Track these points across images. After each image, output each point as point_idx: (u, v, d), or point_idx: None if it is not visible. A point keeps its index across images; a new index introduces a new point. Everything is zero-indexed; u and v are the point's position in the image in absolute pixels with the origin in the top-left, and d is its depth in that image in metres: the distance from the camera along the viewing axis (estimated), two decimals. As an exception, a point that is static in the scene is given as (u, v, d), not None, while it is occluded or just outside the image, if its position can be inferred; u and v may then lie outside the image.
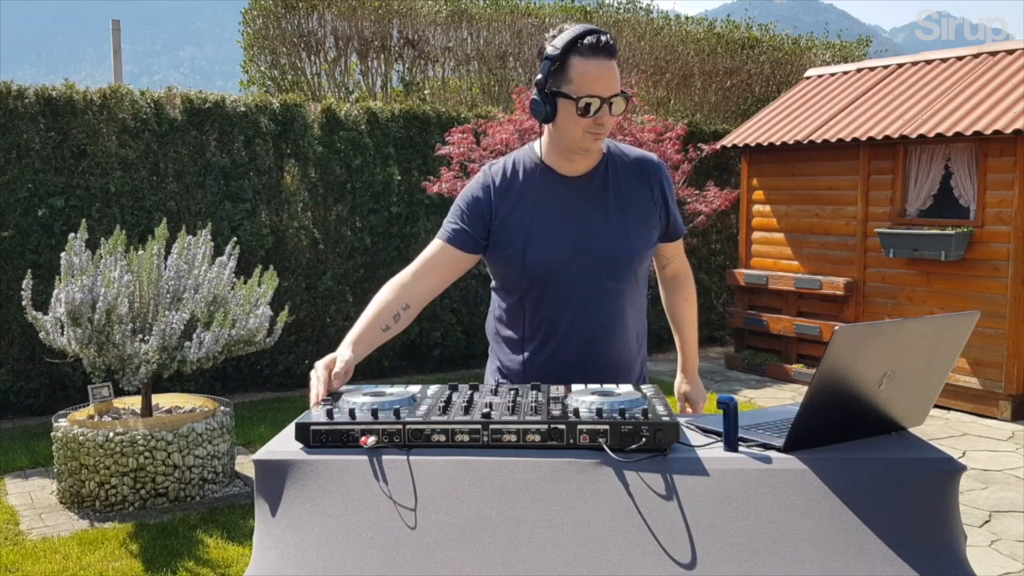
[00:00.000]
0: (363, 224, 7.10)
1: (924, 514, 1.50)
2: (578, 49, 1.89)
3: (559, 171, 2.04)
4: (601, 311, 2.05)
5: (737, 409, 1.60)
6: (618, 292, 2.06)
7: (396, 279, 2.01)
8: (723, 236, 9.15)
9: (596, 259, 2.02)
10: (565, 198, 2.03)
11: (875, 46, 13.49)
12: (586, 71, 1.89)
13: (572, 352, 2.05)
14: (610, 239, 2.03)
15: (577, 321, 2.04)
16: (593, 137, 1.95)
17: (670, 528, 1.45)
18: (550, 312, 2.04)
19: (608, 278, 2.04)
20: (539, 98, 1.94)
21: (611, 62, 1.91)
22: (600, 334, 2.06)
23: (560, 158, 2.03)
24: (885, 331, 1.53)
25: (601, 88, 1.90)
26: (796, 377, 7.26)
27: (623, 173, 2.07)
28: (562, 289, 2.02)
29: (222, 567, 3.65)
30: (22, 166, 5.85)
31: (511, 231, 2.02)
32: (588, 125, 1.92)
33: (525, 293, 2.06)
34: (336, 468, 1.51)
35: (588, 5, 10.26)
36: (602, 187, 2.05)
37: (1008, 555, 3.85)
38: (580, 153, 2.00)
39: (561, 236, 2.01)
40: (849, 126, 6.86)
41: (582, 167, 2.04)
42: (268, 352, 6.27)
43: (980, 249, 6.17)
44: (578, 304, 2.03)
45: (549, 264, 2.01)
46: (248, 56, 8.94)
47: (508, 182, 2.04)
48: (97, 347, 4.12)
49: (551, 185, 2.03)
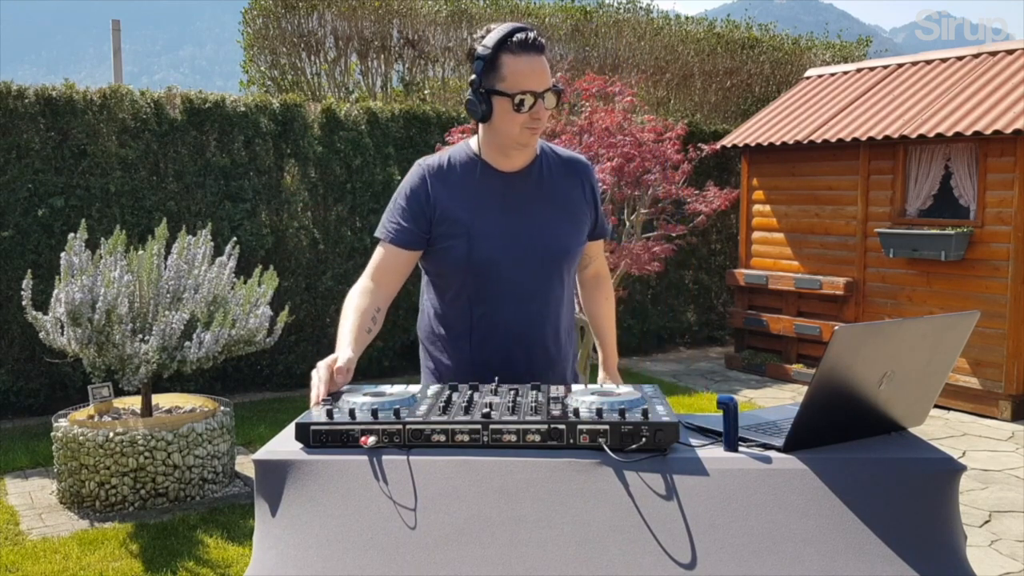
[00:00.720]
0: (363, 224, 7.10)
1: (924, 514, 1.50)
2: (508, 47, 1.92)
3: (496, 167, 2.07)
4: (537, 305, 2.09)
5: (737, 409, 1.60)
6: (552, 287, 2.11)
7: (360, 286, 2.07)
8: (723, 236, 9.15)
9: (536, 254, 2.06)
10: (503, 193, 2.07)
11: (875, 46, 13.49)
12: (518, 68, 1.92)
13: (508, 346, 2.08)
14: (548, 234, 2.08)
15: (514, 315, 2.07)
16: (530, 132, 1.99)
17: (670, 528, 1.45)
18: (488, 306, 2.07)
19: (545, 273, 2.09)
20: (474, 97, 1.96)
21: (541, 57, 1.94)
22: (536, 328, 2.10)
23: (497, 154, 2.06)
24: (885, 331, 1.53)
25: (534, 83, 1.93)
26: (796, 377, 7.26)
27: (556, 171, 2.13)
28: (501, 283, 2.05)
29: (222, 567, 3.65)
30: (22, 166, 5.85)
31: (452, 225, 2.04)
32: (525, 120, 1.96)
33: (463, 288, 2.08)
34: (336, 468, 1.51)
35: (588, 5, 10.26)
36: (538, 183, 2.10)
37: (1008, 555, 3.85)
38: (518, 148, 2.03)
39: (503, 230, 2.05)
40: (849, 126, 6.86)
41: (519, 163, 2.08)
42: (268, 352, 6.27)
43: (980, 249, 6.16)
44: (516, 298, 2.07)
45: (493, 258, 2.04)
46: (248, 56, 8.94)
47: (445, 175, 2.07)
48: (97, 347, 4.12)
49: (489, 179, 2.06)
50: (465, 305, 2.09)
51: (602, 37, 9.99)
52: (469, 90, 1.98)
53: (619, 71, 9.72)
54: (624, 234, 6.40)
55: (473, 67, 1.97)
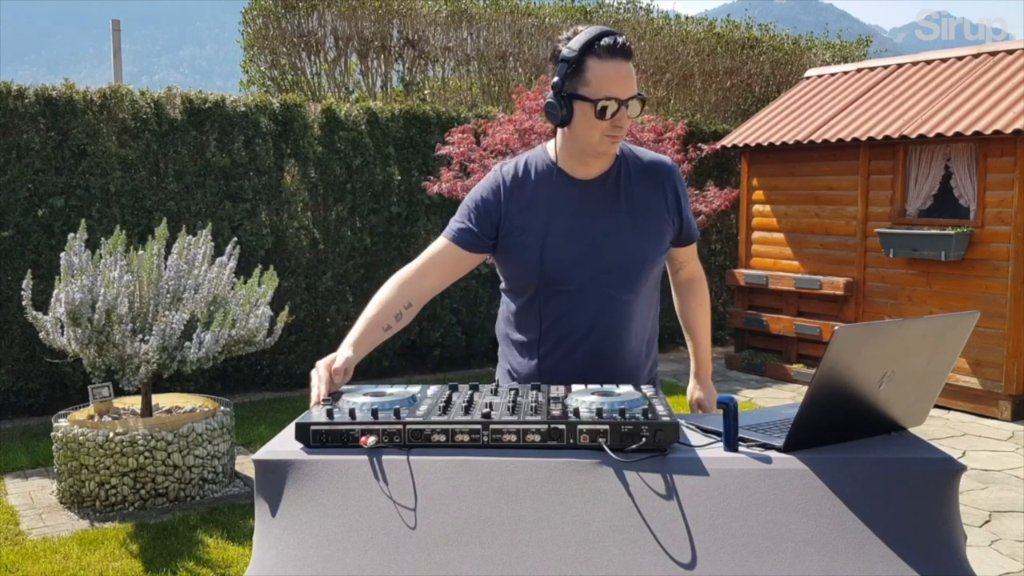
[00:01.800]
0: (363, 224, 7.10)
1: (924, 514, 1.50)
2: (595, 51, 1.86)
3: (572, 174, 2.01)
4: (612, 316, 2.02)
5: (737, 409, 1.60)
6: (630, 298, 2.04)
7: (400, 275, 1.98)
8: (723, 236, 9.15)
9: (609, 265, 2.00)
10: (579, 202, 2.00)
11: (875, 46, 13.49)
12: (604, 73, 1.86)
13: (583, 357, 2.03)
14: (623, 245, 2.00)
15: (588, 326, 2.01)
16: (611, 140, 1.92)
17: (670, 528, 1.45)
18: (562, 316, 2.02)
19: (620, 284, 2.01)
20: (555, 101, 1.90)
21: (628, 63, 1.88)
22: (610, 340, 2.03)
23: (574, 161, 2.00)
24: (885, 331, 1.53)
25: (619, 90, 1.87)
26: (796, 377, 7.26)
27: (636, 177, 2.04)
28: (575, 294, 2.00)
29: (222, 567, 3.65)
30: (22, 166, 5.85)
31: (525, 234, 1.99)
32: (606, 128, 1.89)
33: (536, 296, 2.03)
34: (336, 468, 1.51)
35: (588, 5, 10.26)
36: (615, 191, 2.02)
37: (1008, 555, 3.85)
38: (596, 156, 1.97)
39: (576, 241, 1.99)
40: (849, 126, 6.86)
41: (595, 170, 2.01)
42: (268, 352, 6.26)
43: (980, 249, 6.16)
44: (590, 309, 2.01)
45: (564, 268, 1.98)
46: (248, 56, 8.94)
47: (520, 183, 2.01)
48: (97, 347, 4.12)
49: (564, 188, 2.00)
50: (535, 314, 2.04)
51: (602, 37, 9.98)
52: (549, 92, 1.92)
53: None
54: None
55: (556, 69, 1.90)
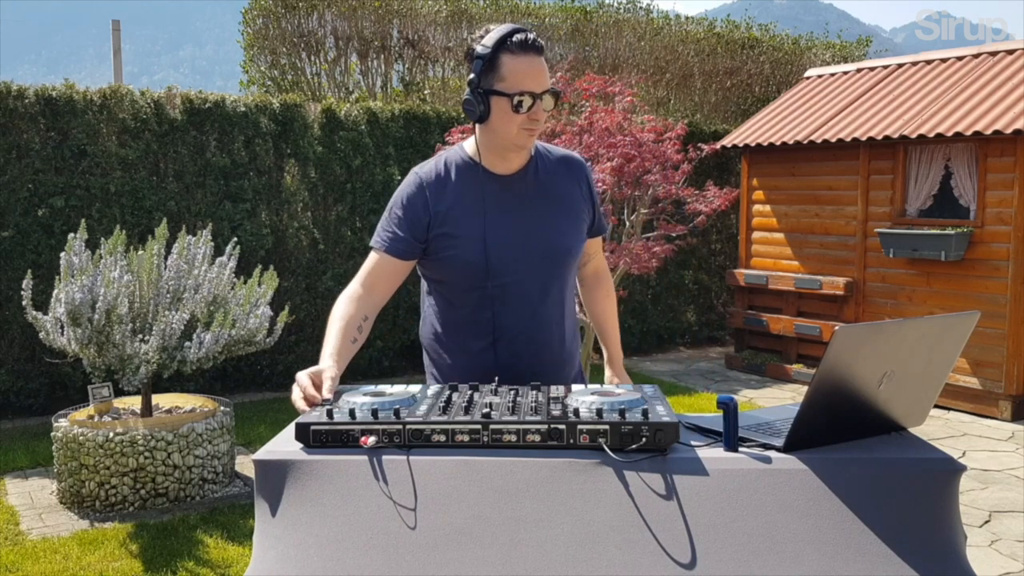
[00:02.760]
0: (363, 224, 7.10)
1: (924, 514, 1.50)
2: (508, 47, 1.91)
3: (493, 170, 2.06)
4: (544, 307, 2.09)
5: (737, 409, 1.60)
6: (560, 287, 2.11)
7: (349, 293, 2.02)
8: (723, 236, 9.15)
9: (540, 255, 2.06)
10: (503, 196, 2.06)
11: (875, 46, 13.48)
12: (518, 68, 1.91)
13: (523, 350, 2.07)
14: (550, 234, 2.07)
15: (522, 318, 2.06)
16: (528, 133, 1.97)
17: (670, 528, 1.45)
18: (496, 310, 2.05)
19: (550, 273, 2.08)
20: (472, 97, 1.95)
21: (540, 58, 1.94)
22: (544, 330, 2.10)
23: (494, 156, 2.04)
24: (885, 331, 1.54)
25: (533, 84, 1.92)
26: (796, 377, 7.26)
27: (552, 170, 2.12)
28: (508, 287, 2.04)
29: (222, 567, 3.65)
30: (22, 166, 5.85)
31: (454, 232, 2.02)
32: (523, 121, 1.95)
33: (469, 292, 2.06)
34: (336, 468, 1.51)
35: (588, 5, 10.26)
36: (535, 184, 2.09)
37: (1008, 555, 3.85)
38: (515, 150, 2.02)
39: (505, 233, 2.04)
40: (849, 126, 6.86)
41: (515, 165, 2.07)
42: (268, 352, 6.26)
43: (980, 249, 6.16)
44: (524, 301, 2.06)
45: (509, 261, 2.03)
46: (248, 56, 8.94)
47: (442, 182, 2.05)
48: (97, 347, 4.12)
49: (488, 184, 2.05)
50: (473, 310, 2.07)
51: (602, 37, 9.99)
52: (467, 90, 1.97)
53: (619, 71, 9.72)
54: (624, 234, 6.40)
55: (472, 67, 1.95)
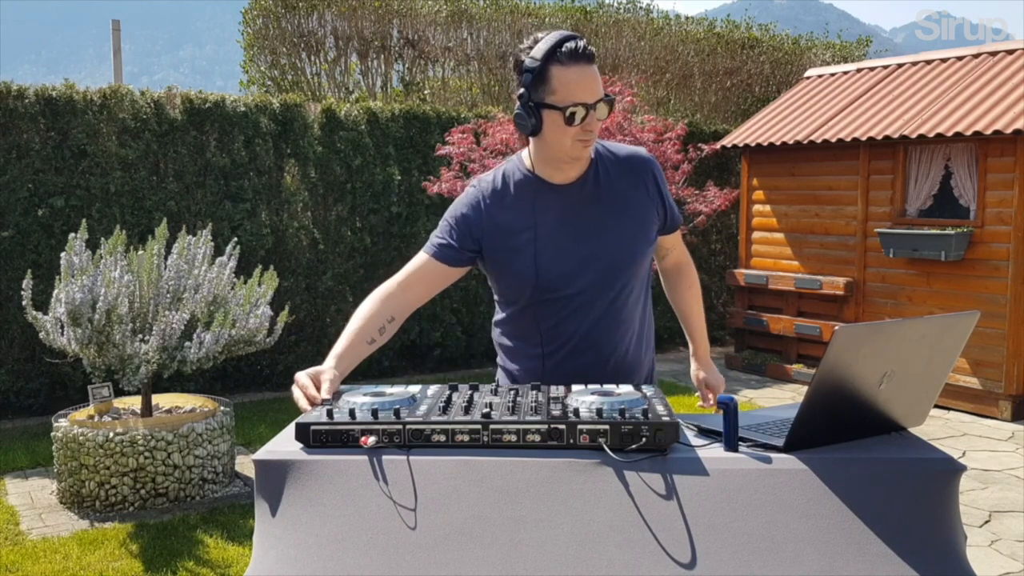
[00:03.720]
0: (363, 224, 7.10)
1: (924, 514, 1.50)
2: (557, 57, 1.85)
3: (551, 181, 2.01)
4: (609, 316, 2.03)
5: (737, 409, 1.60)
6: (624, 295, 2.05)
7: (382, 290, 1.98)
8: (723, 236, 9.15)
9: (600, 266, 2.00)
10: (562, 208, 2.00)
11: (875, 46, 13.49)
12: (569, 79, 1.85)
13: (583, 358, 2.04)
14: (611, 245, 2.01)
15: (586, 329, 2.02)
16: (583, 144, 1.91)
17: (670, 528, 1.45)
18: (560, 322, 2.02)
19: (612, 283, 2.02)
20: (523, 111, 1.90)
21: (591, 67, 1.87)
22: (608, 339, 2.04)
23: (550, 168, 1.99)
24: (885, 331, 1.53)
25: (585, 95, 1.86)
26: (796, 377, 7.26)
27: (615, 174, 2.04)
28: (570, 299, 2.00)
29: (222, 567, 3.65)
30: (22, 166, 5.85)
31: (513, 246, 1.99)
32: (576, 133, 1.89)
33: (530, 304, 2.03)
34: (336, 468, 1.51)
35: (588, 5, 10.26)
36: (595, 192, 2.02)
37: (1008, 555, 3.85)
38: (570, 162, 1.97)
39: (566, 246, 1.99)
40: (849, 126, 6.86)
41: (573, 174, 2.00)
42: (268, 352, 6.26)
43: (980, 249, 6.16)
44: (586, 312, 2.01)
45: (558, 276, 1.98)
46: (248, 56, 8.94)
47: (499, 195, 2.01)
48: (97, 347, 4.12)
49: (545, 195, 2.00)
50: (532, 320, 2.04)
51: (602, 37, 9.99)
52: (518, 104, 1.91)
53: (619, 71, 9.72)
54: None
55: (520, 80, 1.89)
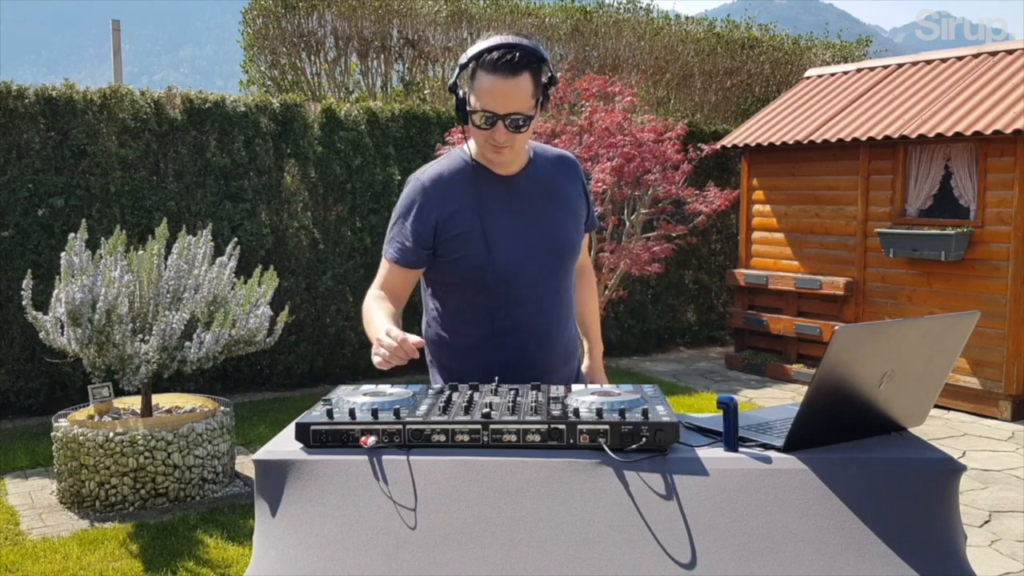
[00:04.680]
0: (363, 224, 7.10)
1: (924, 514, 1.50)
2: (482, 63, 1.89)
3: (493, 169, 2.05)
4: (552, 303, 2.10)
5: (737, 409, 1.60)
6: (563, 284, 2.13)
7: (372, 294, 2.07)
8: (723, 236, 9.15)
9: (547, 253, 2.07)
10: (507, 196, 2.06)
11: (875, 46, 13.49)
12: (483, 86, 1.89)
13: (529, 346, 2.08)
14: (557, 232, 2.09)
15: (533, 315, 2.07)
16: (492, 149, 1.95)
17: (670, 528, 1.45)
18: (507, 309, 2.06)
19: (557, 268, 2.10)
20: (456, 101, 1.96)
21: (511, 79, 1.87)
22: (554, 326, 2.11)
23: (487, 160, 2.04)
24: (885, 331, 1.54)
25: (495, 105, 1.89)
26: (796, 377, 7.26)
27: (551, 170, 2.13)
28: (520, 286, 2.04)
29: (222, 567, 3.65)
30: (22, 166, 5.85)
31: (462, 235, 2.02)
32: (487, 137, 1.93)
33: (478, 293, 2.05)
34: (336, 468, 1.51)
35: (588, 5, 10.26)
36: (537, 184, 2.09)
37: (1008, 555, 3.85)
38: (488, 162, 2.02)
39: (513, 232, 2.04)
40: (849, 126, 6.86)
41: (514, 167, 2.06)
42: (268, 352, 6.26)
43: (980, 249, 6.16)
44: (533, 299, 2.07)
45: (509, 262, 2.02)
46: (248, 56, 8.94)
47: (443, 186, 2.04)
48: (97, 347, 4.12)
49: (490, 184, 2.05)
50: (482, 310, 2.06)
51: (602, 37, 9.99)
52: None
53: (619, 71, 9.72)
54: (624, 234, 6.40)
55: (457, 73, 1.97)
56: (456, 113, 1.98)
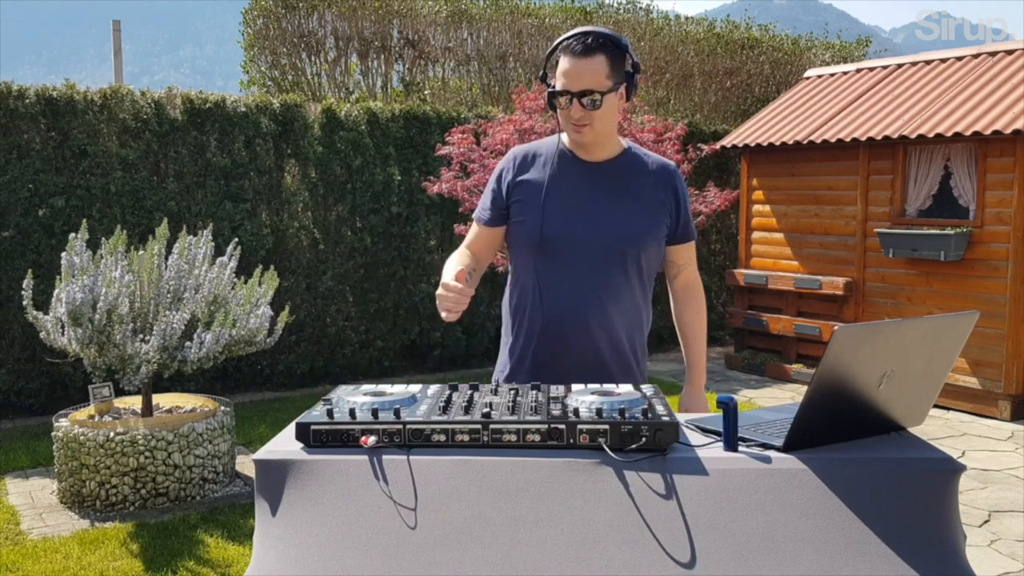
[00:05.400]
0: (363, 224, 7.10)
1: (924, 514, 1.50)
2: (562, 48, 2.07)
3: (577, 155, 2.18)
4: (599, 291, 2.12)
5: (737, 409, 1.60)
6: (617, 276, 2.14)
7: (460, 251, 2.23)
8: (723, 236, 9.15)
9: (605, 239, 2.12)
10: (580, 178, 2.16)
11: (875, 46, 13.48)
12: (562, 68, 2.06)
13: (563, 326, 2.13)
14: (619, 222, 2.13)
15: (573, 295, 2.11)
16: (573, 128, 2.09)
17: (670, 528, 1.46)
18: (551, 282, 2.13)
19: (613, 260, 2.12)
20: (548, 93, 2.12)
21: (585, 59, 2.02)
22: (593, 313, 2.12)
23: (575, 144, 2.17)
24: (885, 331, 1.54)
25: (570, 83, 2.04)
26: (796, 377, 7.26)
27: (641, 171, 2.19)
28: (567, 264, 2.11)
29: (222, 567, 3.65)
30: (23, 166, 5.85)
31: (526, 202, 2.15)
32: (567, 116, 2.08)
33: (530, 262, 2.16)
34: (336, 468, 1.51)
35: (588, 5, 10.26)
36: (618, 175, 2.17)
37: (1008, 555, 3.85)
38: (575, 145, 2.15)
39: (575, 211, 2.12)
40: (849, 126, 6.86)
41: (598, 155, 2.16)
42: (268, 352, 6.26)
43: (979, 249, 6.17)
44: (578, 279, 2.12)
45: (563, 233, 2.11)
46: (248, 56, 8.94)
47: (529, 160, 2.20)
48: (98, 347, 4.12)
49: (568, 165, 2.17)
50: (531, 279, 2.16)
51: (602, 37, 9.98)
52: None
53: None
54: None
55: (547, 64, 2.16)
56: (547, 103, 2.12)
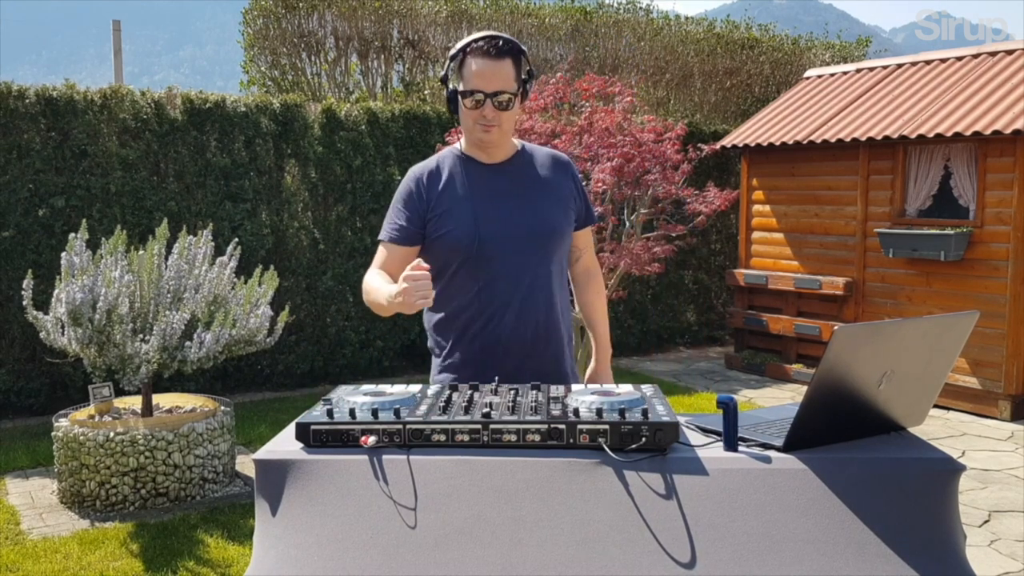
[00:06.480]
0: (363, 224, 7.11)
1: (924, 514, 1.50)
2: (470, 51, 2.12)
3: (479, 160, 2.24)
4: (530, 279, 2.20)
5: (737, 409, 1.60)
6: (543, 265, 2.23)
7: (375, 272, 2.19)
8: (723, 236, 9.15)
9: (527, 232, 2.20)
10: (491, 180, 2.23)
11: (875, 46, 13.48)
12: (472, 69, 2.11)
13: (504, 318, 2.18)
14: (537, 214, 2.22)
15: (509, 288, 2.18)
16: (482, 128, 2.14)
17: (670, 528, 1.46)
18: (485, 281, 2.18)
19: (537, 251, 2.21)
20: (448, 95, 2.18)
21: (498, 62, 2.10)
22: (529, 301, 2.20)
23: (475, 148, 2.23)
24: (885, 331, 1.54)
25: (483, 84, 2.09)
26: (796, 377, 7.26)
27: (539, 164, 2.29)
28: (498, 260, 2.17)
29: (222, 567, 3.65)
30: (23, 166, 5.85)
31: (448, 213, 2.19)
32: (476, 116, 2.12)
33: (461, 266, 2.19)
34: (336, 468, 1.52)
35: (588, 5, 10.26)
36: (521, 172, 2.26)
37: (1008, 555, 3.85)
38: (480, 145, 2.20)
39: (501, 210, 2.19)
40: (849, 126, 6.86)
41: (498, 156, 2.24)
42: (268, 352, 6.26)
43: (979, 249, 6.17)
44: (511, 273, 2.19)
45: (496, 233, 2.17)
46: (248, 56, 8.94)
47: (435, 175, 2.24)
48: (98, 347, 4.12)
49: (475, 171, 2.23)
50: (468, 284, 2.19)
51: (602, 37, 9.99)
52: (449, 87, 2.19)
53: (619, 71, 9.72)
54: (624, 234, 6.40)
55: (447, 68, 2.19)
56: (447, 103, 2.19)
